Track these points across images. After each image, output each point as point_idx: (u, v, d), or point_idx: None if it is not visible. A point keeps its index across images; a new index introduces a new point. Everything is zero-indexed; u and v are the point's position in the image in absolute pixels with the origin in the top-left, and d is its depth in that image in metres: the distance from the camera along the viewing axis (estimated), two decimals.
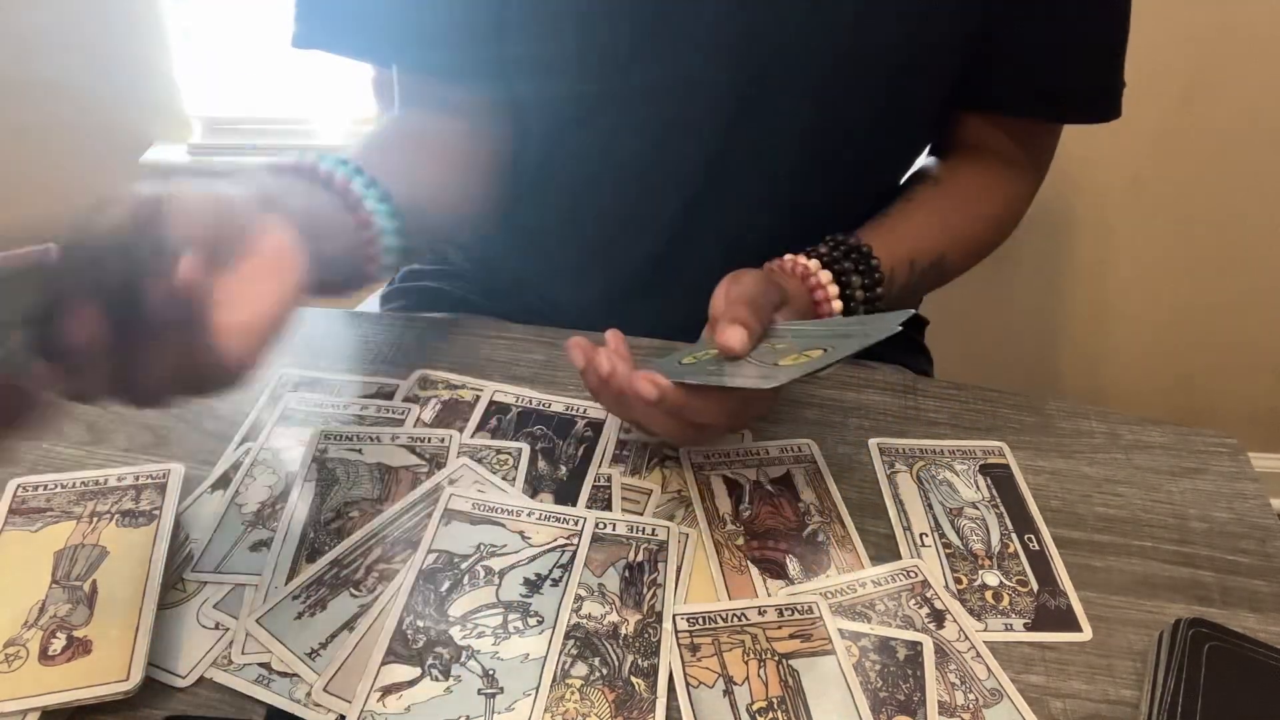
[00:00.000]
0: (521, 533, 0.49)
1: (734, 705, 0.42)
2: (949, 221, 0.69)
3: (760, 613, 0.46)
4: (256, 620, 0.45)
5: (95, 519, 0.48)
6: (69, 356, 0.34)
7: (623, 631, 0.45)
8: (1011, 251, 0.76)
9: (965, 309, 1.44)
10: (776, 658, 0.44)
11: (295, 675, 0.43)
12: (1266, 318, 1.41)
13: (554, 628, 0.44)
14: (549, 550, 0.48)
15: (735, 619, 0.46)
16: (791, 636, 0.45)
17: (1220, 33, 1.18)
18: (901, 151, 0.73)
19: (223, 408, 0.57)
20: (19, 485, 0.50)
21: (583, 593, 0.46)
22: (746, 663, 0.44)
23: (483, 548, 0.48)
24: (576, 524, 0.50)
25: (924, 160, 0.75)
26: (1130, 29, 0.65)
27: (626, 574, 0.47)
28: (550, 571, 0.47)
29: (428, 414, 0.57)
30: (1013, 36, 0.64)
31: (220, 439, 0.55)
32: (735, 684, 0.43)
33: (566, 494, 0.52)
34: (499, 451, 0.54)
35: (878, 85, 0.63)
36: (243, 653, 0.44)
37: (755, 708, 0.42)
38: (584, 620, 0.45)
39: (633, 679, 0.43)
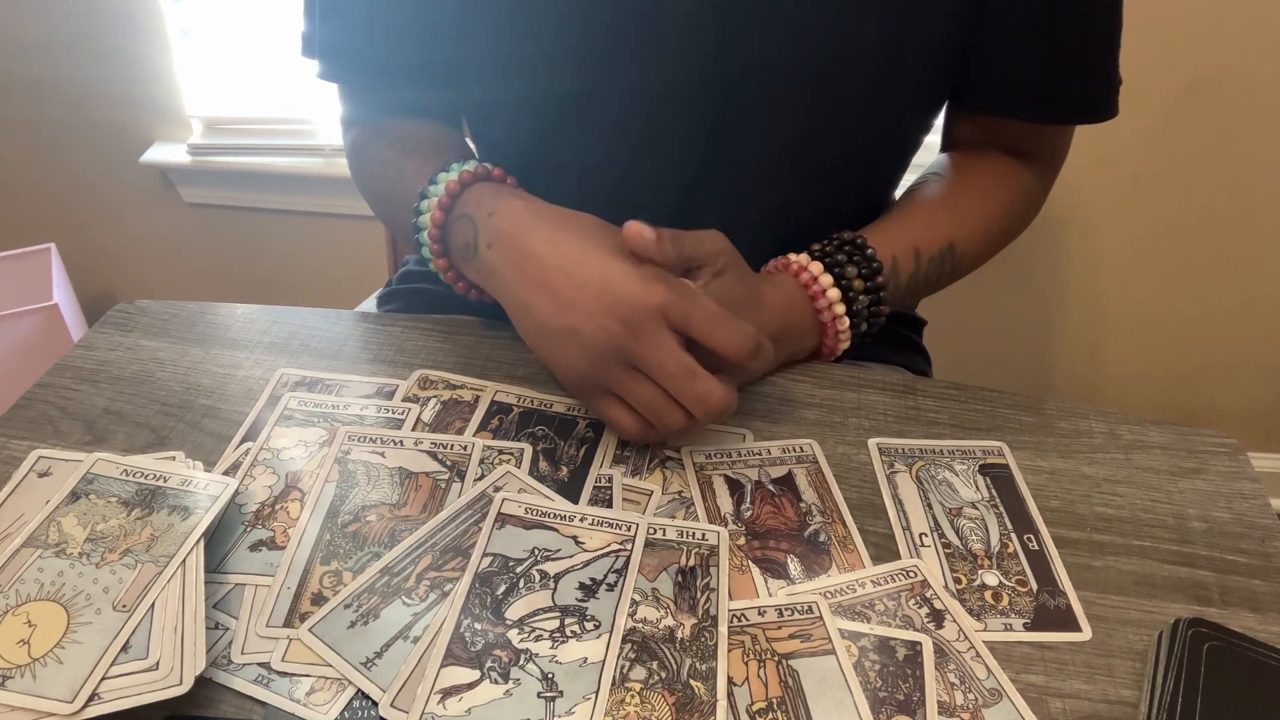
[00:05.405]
0: (575, 538, 0.49)
1: (733, 706, 0.42)
2: (956, 210, 0.68)
3: (760, 613, 0.46)
4: (310, 630, 0.44)
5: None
6: None
7: (679, 635, 0.45)
8: (1011, 252, 0.75)
9: (964, 309, 1.44)
10: (776, 658, 0.44)
11: (345, 680, 0.43)
12: (1266, 317, 1.41)
13: (611, 632, 0.44)
14: (603, 555, 0.48)
15: (735, 619, 0.46)
16: (791, 637, 0.45)
17: (1220, 31, 1.18)
18: (889, 152, 0.72)
19: (222, 408, 0.57)
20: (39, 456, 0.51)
21: (637, 597, 0.46)
22: (746, 664, 0.44)
23: (537, 552, 0.48)
24: (629, 529, 0.50)
25: (932, 158, 0.74)
26: (1125, 27, 0.64)
27: (679, 578, 0.47)
28: (605, 576, 0.47)
29: (428, 414, 0.57)
30: (1001, 38, 0.63)
31: (220, 439, 0.55)
32: (735, 685, 0.43)
33: (567, 494, 0.52)
34: (501, 452, 0.54)
35: (861, 86, 0.62)
36: (242, 652, 0.44)
37: (755, 709, 0.42)
38: (640, 624, 0.45)
39: (691, 682, 0.43)
